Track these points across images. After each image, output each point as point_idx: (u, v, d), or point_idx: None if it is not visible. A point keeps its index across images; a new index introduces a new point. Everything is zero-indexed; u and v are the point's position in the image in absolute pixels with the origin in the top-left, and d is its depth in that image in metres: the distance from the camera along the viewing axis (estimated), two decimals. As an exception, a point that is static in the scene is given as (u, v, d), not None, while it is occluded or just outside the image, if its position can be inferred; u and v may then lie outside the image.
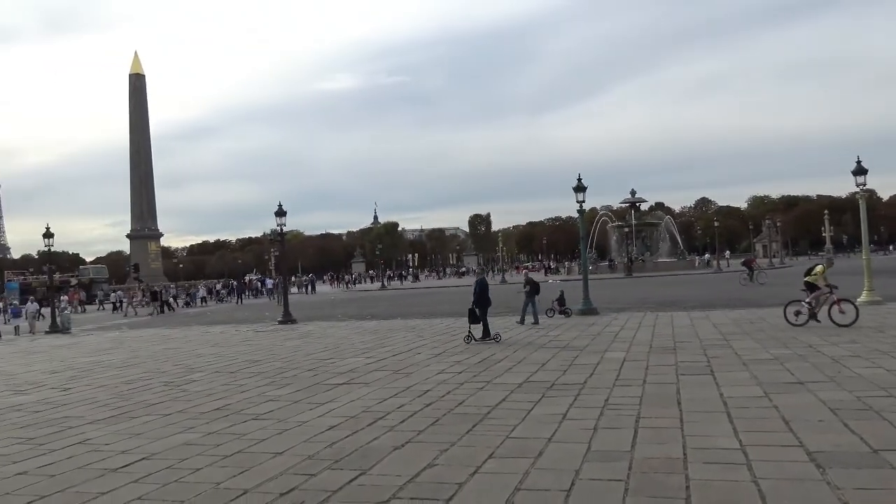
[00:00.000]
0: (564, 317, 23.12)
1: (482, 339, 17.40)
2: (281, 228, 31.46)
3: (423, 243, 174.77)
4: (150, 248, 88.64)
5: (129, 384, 13.70)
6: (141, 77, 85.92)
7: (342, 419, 9.19)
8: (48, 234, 34.05)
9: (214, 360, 16.85)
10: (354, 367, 14.09)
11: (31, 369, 17.43)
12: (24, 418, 10.71)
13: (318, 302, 47.75)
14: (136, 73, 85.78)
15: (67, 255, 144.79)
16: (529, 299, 21.58)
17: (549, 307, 23.55)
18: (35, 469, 7.56)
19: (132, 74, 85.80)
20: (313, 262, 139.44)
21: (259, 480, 6.61)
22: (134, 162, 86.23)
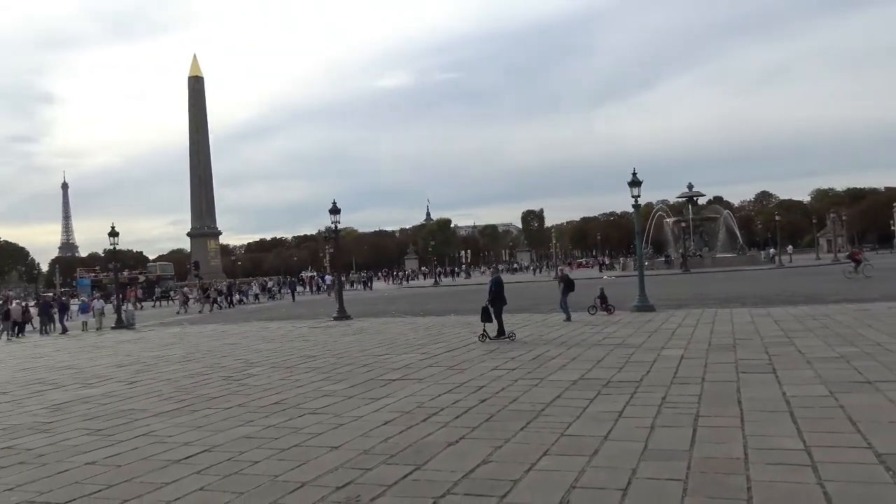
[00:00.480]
0: (607, 314, 22.76)
1: (496, 337, 17.30)
2: (335, 226, 31.86)
3: (475, 240, 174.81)
4: (210, 246, 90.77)
5: (191, 378, 14.08)
6: (200, 79, 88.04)
7: (397, 414, 9.26)
8: (113, 232, 35.26)
9: (272, 356, 17.18)
10: (409, 363, 14.18)
11: (98, 363, 18.08)
12: (92, 410, 11.12)
13: (372, 298, 48.22)
14: (195, 75, 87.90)
15: (132, 252, 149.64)
16: (563, 296, 21.63)
17: (591, 304, 23.35)
18: (103, 459, 7.83)
19: (191, 77, 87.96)
20: (367, 258, 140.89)
21: (316, 474, 6.71)
22: (194, 162, 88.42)
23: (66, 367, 17.78)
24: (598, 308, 23.17)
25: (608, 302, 23.33)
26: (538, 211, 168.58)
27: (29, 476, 7.31)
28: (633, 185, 25.51)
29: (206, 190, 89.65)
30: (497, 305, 17.68)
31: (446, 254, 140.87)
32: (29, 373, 16.94)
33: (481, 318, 17.60)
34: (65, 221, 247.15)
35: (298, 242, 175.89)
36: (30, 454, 8.31)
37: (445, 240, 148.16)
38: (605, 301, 23.34)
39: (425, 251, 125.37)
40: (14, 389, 14.08)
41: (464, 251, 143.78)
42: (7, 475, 7.41)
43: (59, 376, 15.81)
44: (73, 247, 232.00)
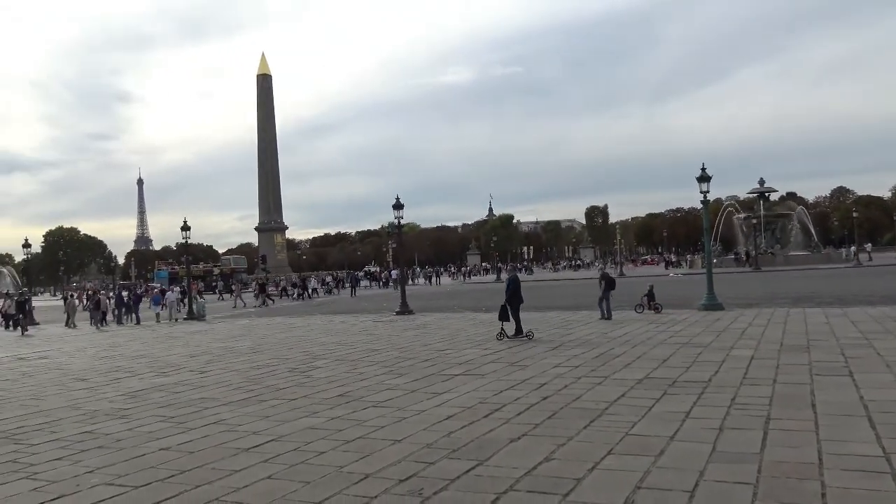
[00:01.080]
0: (654, 312, 22.41)
1: (515, 335, 17.21)
2: (398, 221, 32.16)
3: (538, 235, 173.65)
4: (277, 241, 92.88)
5: (258, 369, 14.46)
6: (268, 77, 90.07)
7: (459, 409, 9.30)
8: (185, 227, 36.45)
9: (336, 349, 17.48)
10: (471, 359, 14.21)
11: (171, 353, 18.74)
12: (166, 398, 11.54)
13: (434, 293, 48.49)
14: (264, 73, 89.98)
15: (203, 246, 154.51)
16: (604, 295, 21.61)
17: (638, 302, 23.11)
18: (176, 446, 8.13)
19: (259, 75, 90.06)
20: (429, 254, 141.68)
21: (379, 466, 6.81)
22: (261, 158, 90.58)
23: (140, 356, 18.50)
24: (646, 307, 22.88)
25: (656, 300, 23.01)
26: (602, 206, 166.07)
27: (108, 459, 7.65)
28: (701, 180, 24.89)
29: (273, 186, 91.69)
30: (514, 304, 17.60)
31: (508, 249, 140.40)
32: (107, 361, 17.70)
33: (499, 316, 17.59)
34: (140, 216, 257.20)
35: (362, 237, 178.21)
36: (108, 439, 8.69)
37: (508, 235, 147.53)
38: (652, 299, 23.05)
39: (487, 247, 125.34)
40: (93, 377, 14.73)
41: (526, 247, 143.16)
42: (88, 458, 7.77)
43: (135, 365, 16.46)
44: (147, 240, 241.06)
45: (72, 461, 7.68)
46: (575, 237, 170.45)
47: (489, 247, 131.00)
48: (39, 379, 14.89)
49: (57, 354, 20.23)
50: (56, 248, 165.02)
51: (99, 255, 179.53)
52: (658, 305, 22.86)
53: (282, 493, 6.15)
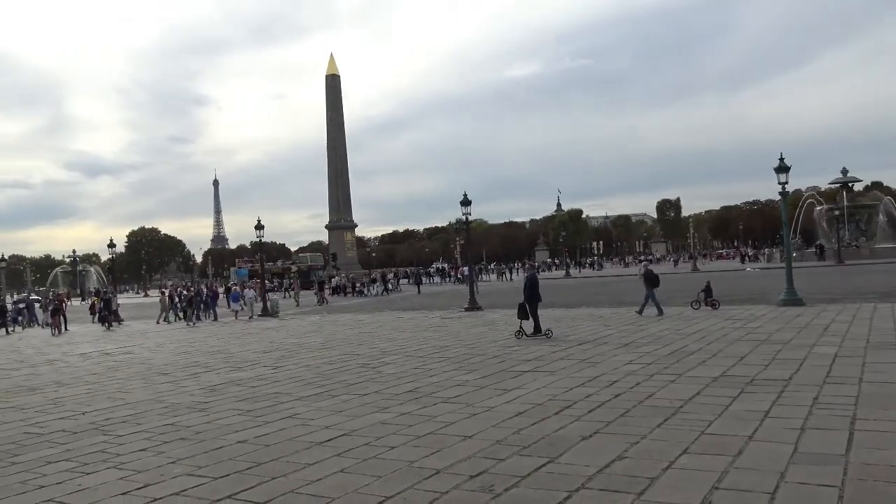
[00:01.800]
0: (711, 309, 21.89)
1: (533, 334, 17.13)
2: (466, 217, 32.21)
3: (607, 230, 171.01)
4: (346, 238, 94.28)
5: (330, 365, 14.74)
6: (336, 77, 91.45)
7: (529, 406, 9.26)
8: (259, 225, 37.49)
9: (405, 345, 17.66)
10: (540, 355, 14.13)
11: (246, 349, 19.31)
12: (243, 392, 11.90)
13: (503, 289, 48.35)
14: (332, 73, 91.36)
15: (276, 245, 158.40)
16: (649, 291, 21.61)
17: (695, 298, 22.70)
18: (253, 438, 8.38)
19: (328, 75, 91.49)
20: (497, 250, 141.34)
21: (450, 462, 6.84)
22: (331, 158, 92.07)
23: (217, 351, 19.13)
24: (703, 303, 22.40)
25: (713, 296, 22.47)
26: (674, 200, 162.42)
27: (189, 451, 7.94)
28: (780, 170, 24.03)
29: (343, 184, 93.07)
30: (532, 303, 17.50)
31: (577, 245, 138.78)
32: (186, 356, 18.37)
33: (518, 314, 17.57)
34: (216, 216, 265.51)
35: (429, 234, 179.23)
36: (189, 431, 9.03)
37: (576, 230, 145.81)
38: (709, 295, 22.54)
39: (556, 242, 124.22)
40: (174, 371, 15.31)
41: (595, 242, 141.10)
42: (171, 449, 8.09)
43: (212, 360, 17.03)
44: (223, 239, 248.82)
45: (155, 452, 8.02)
46: (646, 231, 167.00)
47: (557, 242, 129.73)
48: (125, 373, 15.58)
49: (140, 350, 21.12)
50: (138, 247, 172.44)
51: (178, 254, 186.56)
52: (715, 301, 22.35)
53: (354, 487, 6.26)
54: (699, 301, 22.58)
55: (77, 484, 6.88)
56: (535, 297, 17.63)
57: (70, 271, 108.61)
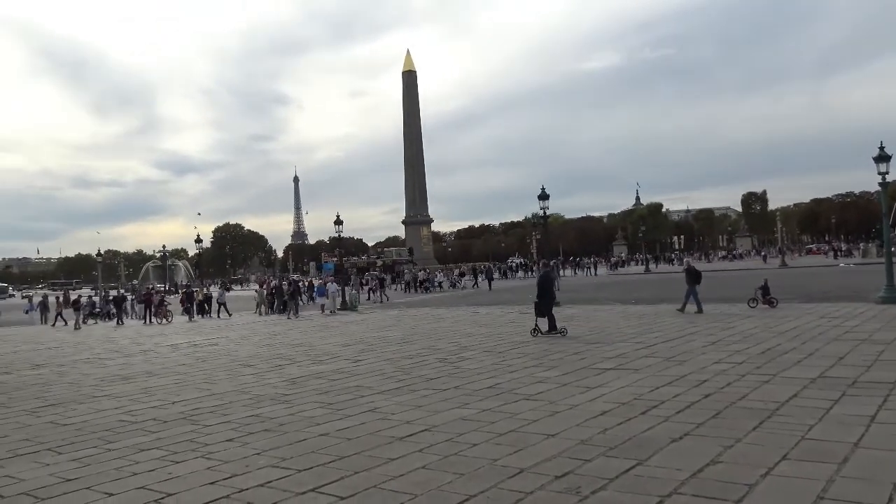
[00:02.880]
0: (769, 307, 21.13)
1: (549, 332, 17.24)
2: (544, 211, 31.85)
3: (689, 224, 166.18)
4: (423, 233, 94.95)
5: (410, 359, 14.77)
6: (413, 73, 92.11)
7: (614, 405, 8.98)
8: (338, 220, 38.13)
9: (483, 340, 17.54)
10: (623, 353, 13.75)
11: (327, 342, 19.61)
12: (324, 385, 12.04)
13: (580, 285, 47.65)
14: (409, 70, 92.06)
15: (353, 240, 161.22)
16: (691, 288, 21.49)
17: (752, 296, 22.04)
18: (335, 432, 8.42)
19: (405, 72, 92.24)
20: (574, 244, 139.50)
21: (534, 461, 6.67)
22: (407, 153, 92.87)
23: (299, 344, 19.50)
24: (760, 300, 21.75)
25: (770, 294, 21.82)
26: (760, 192, 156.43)
27: (273, 442, 8.05)
28: (879, 160, 22.69)
29: (419, 179, 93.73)
30: (545, 302, 17.75)
31: (657, 239, 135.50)
32: (269, 349, 18.79)
33: (536, 312, 17.85)
34: (296, 212, 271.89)
35: (505, 229, 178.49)
36: (273, 423, 9.16)
37: (656, 225, 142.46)
38: (767, 293, 21.90)
39: (634, 237, 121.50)
40: (258, 363, 15.67)
41: (676, 237, 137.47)
42: (256, 440, 8.22)
43: (294, 353, 17.35)
44: (303, 235, 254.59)
45: (241, 443, 8.16)
46: (730, 226, 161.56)
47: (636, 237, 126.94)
48: (212, 364, 16.06)
49: (225, 342, 21.76)
50: (223, 242, 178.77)
51: (260, 249, 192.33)
52: (773, 299, 21.64)
53: (437, 484, 6.17)
54: (756, 299, 21.99)
55: (168, 472, 7.05)
56: (547, 296, 17.89)
57: (160, 266, 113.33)
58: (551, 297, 18.10)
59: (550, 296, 18.06)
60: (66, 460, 7.80)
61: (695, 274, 22.08)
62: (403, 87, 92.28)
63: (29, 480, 7.03)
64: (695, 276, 21.95)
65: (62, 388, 13.63)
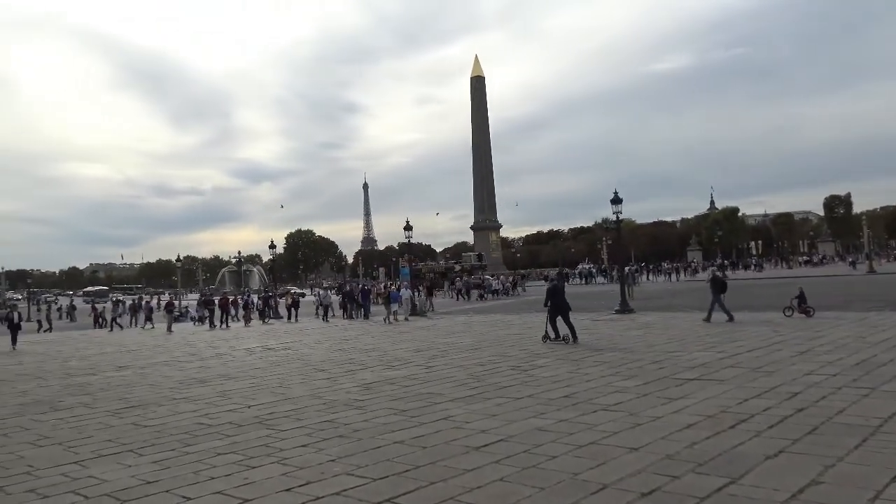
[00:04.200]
0: (805, 316, 20.88)
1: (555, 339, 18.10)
2: (617, 216, 31.12)
3: (767, 229, 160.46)
4: (491, 239, 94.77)
5: (482, 366, 14.55)
6: (481, 79, 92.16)
7: (699, 418, 8.54)
8: (408, 226, 38.28)
9: (556, 348, 17.16)
10: (705, 362, 13.18)
11: (399, 347, 19.58)
12: (397, 391, 11.94)
13: (656, 291, 46.43)
14: (477, 76, 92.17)
15: (421, 245, 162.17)
16: (716, 297, 21.54)
17: (787, 305, 21.81)
18: (409, 439, 8.27)
19: (473, 77, 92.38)
20: (645, 250, 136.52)
21: (617, 476, 6.35)
22: (476, 159, 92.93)
23: (371, 349, 19.53)
24: (796, 309, 21.45)
25: (807, 303, 21.56)
26: (844, 195, 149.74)
27: (348, 449, 7.96)
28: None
29: (487, 185, 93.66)
30: (552, 312, 18.40)
31: (733, 245, 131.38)
32: (341, 353, 18.89)
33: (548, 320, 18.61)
34: (365, 218, 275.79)
35: (574, 234, 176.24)
36: (347, 429, 9.09)
37: (732, 230, 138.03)
38: (803, 301, 21.63)
39: (709, 242, 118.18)
40: (331, 368, 15.74)
41: (753, 242, 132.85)
42: (330, 446, 8.16)
43: (367, 358, 17.37)
44: (372, 240, 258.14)
45: (316, 448, 8.11)
46: (811, 230, 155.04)
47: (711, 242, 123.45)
48: (286, 368, 16.22)
49: (299, 346, 22.03)
50: (295, 248, 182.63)
51: (331, 255, 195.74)
52: (809, 308, 21.16)
53: (516, 498, 5.93)
54: (792, 308, 21.63)
55: (244, 477, 7.04)
56: (554, 306, 18.48)
57: (236, 271, 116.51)
58: (558, 308, 18.56)
59: (556, 307, 18.56)
60: (146, 462, 7.91)
61: (720, 283, 22.24)
62: (471, 92, 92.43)
63: (112, 482, 7.14)
64: (720, 285, 22.09)
65: (144, 389, 13.99)
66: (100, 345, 27.21)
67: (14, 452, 8.85)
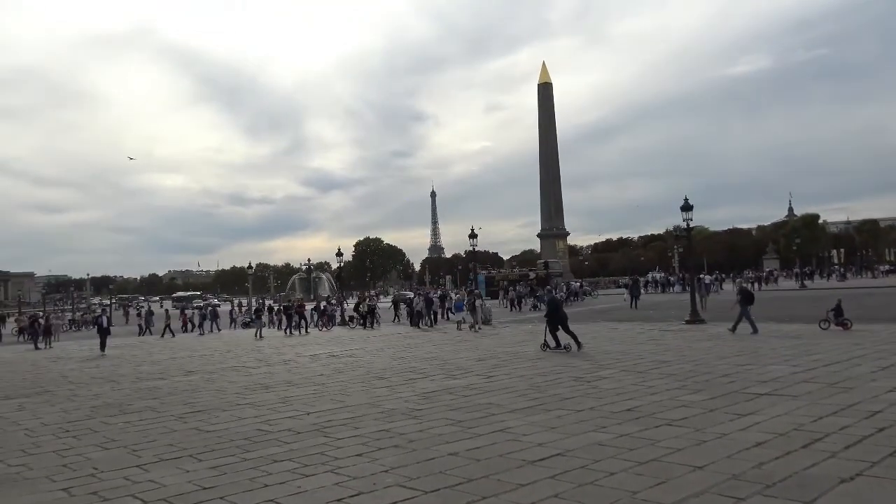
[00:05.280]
0: (842, 329, 20.55)
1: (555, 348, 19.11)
2: (687, 224, 30.28)
3: (849, 237, 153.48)
4: (558, 247, 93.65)
5: (543, 376, 14.30)
6: (548, 86, 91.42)
7: (769, 436, 8.11)
8: (472, 234, 38.17)
9: (621, 358, 16.75)
10: (777, 376, 12.58)
11: (460, 356, 19.47)
12: (455, 401, 11.82)
13: (727, 301, 44.89)
14: (545, 82, 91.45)
15: (488, 254, 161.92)
16: (743, 309, 21.74)
17: (824, 318, 21.37)
18: (464, 451, 8.14)
19: (540, 84, 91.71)
20: (719, 258, 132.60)
21: (679, 496, 6.08)
22: (543, 166, 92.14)
23: (433, 357, 19.49)
24: (832, 322, 21.07)
25: (844, 315, 21.10)
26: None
27: (402, 460, 7.89)
28: None
29: (555, 192, 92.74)
30: (552, 323, 19.58)
31: (813, 253, 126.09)
32: (403, 362, 18.92)
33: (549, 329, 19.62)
34: (433, 226, 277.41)
35: (645, 242, 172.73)
36: (402, 438, 9.03)
37: (812, 237, 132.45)
38: (840, 314, 21.20)
39: (787, 250, 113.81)
40: (391, 376, 15.76)
41: (835, 250, 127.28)
42: (384, 456, 8.11)
43: (427, 366, 17.33)
44: (439, 248, 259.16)
45: (370, 458, 8.07)
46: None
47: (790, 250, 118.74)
48: (348, 375, 16.33)
49: (362, 353, 22.19)
50: (364, 256, 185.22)
51: (398, 263, 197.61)
52: (847, 321, 20.88)
53: (570, 516, 5.73)
54: (828, 320, 21.21)
55: (297, 486, 7.05)
56: (554, 318, 19.81)
57: (306, 278, 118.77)
58: (556, 320, 19.69)
59: (555, 318, 19.73)
60: (204, 468, 8.03)
61: (748, 295, 22.65)
62: (539, 99, 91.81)
63: (169, 486, 7.27)
64: (748, 297, 22.43)
65: (209, 394, 14.31)
66: (172, 350, 28.07)
67: (83, 454, 9.15)
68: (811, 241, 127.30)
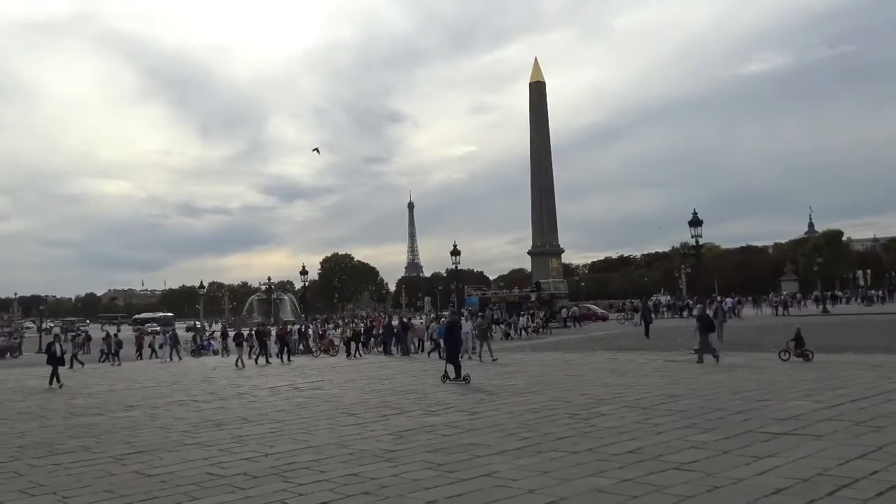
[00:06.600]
0: (803, 360, 21.64)
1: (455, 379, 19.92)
2: (696, 240, 30.59)
3: (877, 256, 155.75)
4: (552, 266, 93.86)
5: (535, 413, 14.28)
6: (541, 84, 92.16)
7: (791, 481, 8.13)
8: (455, 251, 38.39)
9: (623, 392, 16.79)
10: (798, 414, 12.67)
11: (440, 389, 19.37)
12: (434, 441, 11.77)
13: (741, 328, 45.30)
14: (537, 80, 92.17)
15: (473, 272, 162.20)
16: (703, 336, 23.46)
17: (783, 348, 22.57)
18: (444, 499, 8.08)
19: (532, 83, 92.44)
20: (731, 278, 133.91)
21: (688, 551, 6.05)
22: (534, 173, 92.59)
23: (410, 391, 19.41)
24: (792, 352, 22.20)
25: (805, 346, 22.23)
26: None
27: (373, 509, 7.81)
28: None
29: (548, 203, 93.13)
30: (448, 347, 20.51)
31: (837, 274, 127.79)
32: (376, 395, 18.82)
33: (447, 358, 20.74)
34: (410, 240, 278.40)
35: (648, 261, 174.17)
36: (374, 484, 8.94)
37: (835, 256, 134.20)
38: (800, 345, 22.30)
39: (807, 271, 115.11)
40: (362, 412, 15.66)
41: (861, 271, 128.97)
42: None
43: (404, 401, 17.26)
44: (417, 266, 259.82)
45: (337, 507, 7.98)
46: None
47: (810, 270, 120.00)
48: (312, 411, 16.21)
49: (329, 385, 22.05)
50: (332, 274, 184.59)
51: (371, 283, 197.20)
52: (808, 352, 22.03)
53: (566, 574, 5.68)
54: (788, 351, 22.36)
55: (252, 539, 6.94)
56: (449, 342, 20.66)
57: (265, 299, 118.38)
58: (453, 344, 20.60)
59: (451, 343, 20.59)
60: (145, 518, 7.89)
61: (705, 321, 24.25)
62: (530, 99, 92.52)
63: (104, 540, 7.13)
64: (707, 324, 24.09)
65: (152, 432, 14.13)
66: (111, 380, 27.72)
67: (4, 502, 8.96)
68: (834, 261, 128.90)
